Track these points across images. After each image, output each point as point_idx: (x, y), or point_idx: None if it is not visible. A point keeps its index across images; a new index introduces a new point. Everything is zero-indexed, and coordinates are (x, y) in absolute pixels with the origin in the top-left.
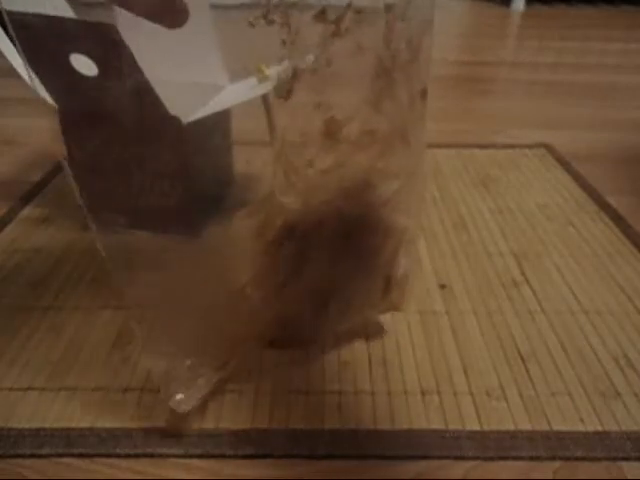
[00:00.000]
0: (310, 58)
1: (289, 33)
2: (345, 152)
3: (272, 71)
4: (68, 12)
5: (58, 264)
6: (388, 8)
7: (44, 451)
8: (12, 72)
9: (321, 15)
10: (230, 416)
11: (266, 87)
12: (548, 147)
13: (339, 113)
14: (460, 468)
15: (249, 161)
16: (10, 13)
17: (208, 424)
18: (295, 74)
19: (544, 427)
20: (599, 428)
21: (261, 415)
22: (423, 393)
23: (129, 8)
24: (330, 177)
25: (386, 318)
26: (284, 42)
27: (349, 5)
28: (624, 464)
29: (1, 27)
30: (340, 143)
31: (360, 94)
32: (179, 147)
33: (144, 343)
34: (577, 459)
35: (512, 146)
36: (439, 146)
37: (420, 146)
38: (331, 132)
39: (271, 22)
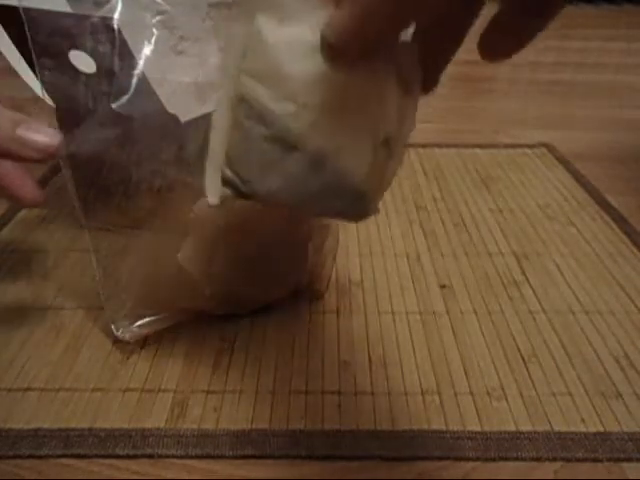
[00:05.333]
0: None
1: None
2: None
3: None
4: (64, 7)
5: (57, 264)
6: None
7: (43, 452)
8: (10, 71)
9: None
10: (229, 416)
11: None
12: (549, 147)
13: None
14: (461, 469)
15: None
16: (7, 8)
17: (207, 424)
18: None
19: (545, 427)
20: (600, 429)
21: (261, 415)
22: (423, 393)
23: None
24: None
25: (385, 318)
26: None
27: None
28: (625, 465)
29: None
30: None
31: None
32: (178, 146)
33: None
34: (578, 460)
35: (513, 146)
36: (439, 146)
37: None
38: None
39: None
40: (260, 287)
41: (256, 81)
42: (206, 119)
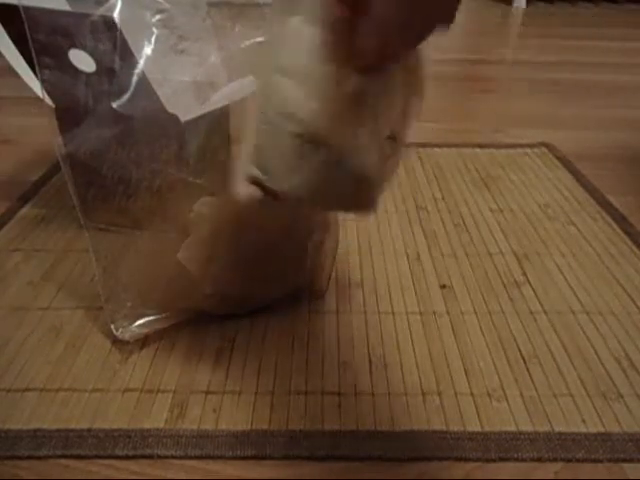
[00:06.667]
0: None
1: None
2: None
3: None
4: (64, 5)
5: (57, 263)
6: None
7: (42, 452)
8: (10, 71)
9: None
10: (229, 417)
11: None
12: (549, 146)
13: None
14: (461, 469)
15: None
16: (7, 7)
17: (207, 425)
18: None
19: (545, 428)
20: (601, 429)
21: (261, 416)
22: (424, 394)
23: None
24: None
25: (385, 318)
26: None
27: None
28: (626, 465)
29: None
30: None
31: None
32: (178, 146)
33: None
34: (579, 460)
35: (513, 145)
36: (440, 146)
37: None
38: None
39: None
40: (260, 287)
41: (286, 78)
42: (206, 119)
